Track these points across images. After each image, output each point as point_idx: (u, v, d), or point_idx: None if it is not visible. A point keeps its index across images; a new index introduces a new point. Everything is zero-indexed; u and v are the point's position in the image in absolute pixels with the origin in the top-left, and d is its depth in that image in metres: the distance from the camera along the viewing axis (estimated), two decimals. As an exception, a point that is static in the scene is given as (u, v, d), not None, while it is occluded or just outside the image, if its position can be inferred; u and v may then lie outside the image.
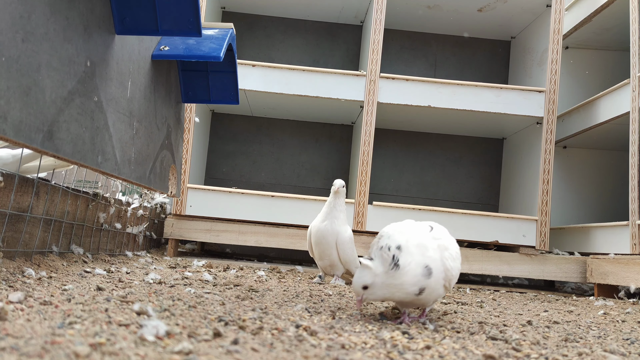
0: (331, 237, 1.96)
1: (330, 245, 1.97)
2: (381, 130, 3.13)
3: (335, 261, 1.99)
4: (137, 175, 1.25)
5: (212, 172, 3.24)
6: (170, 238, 2.55)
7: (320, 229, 1.98)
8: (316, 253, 2.02)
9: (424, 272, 1.12)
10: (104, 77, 1.05)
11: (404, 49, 3.33)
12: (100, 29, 1.02)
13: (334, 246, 1.96)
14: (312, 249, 2.04)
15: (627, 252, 2.31)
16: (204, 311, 1.06)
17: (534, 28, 3.00)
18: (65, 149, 0.91)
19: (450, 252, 1.17)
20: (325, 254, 1.98)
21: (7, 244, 1.34)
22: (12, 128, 0.75)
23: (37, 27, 0.81)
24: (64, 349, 0.65)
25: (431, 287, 1.13)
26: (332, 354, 0.81)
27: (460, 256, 1.23)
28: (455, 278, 1.18)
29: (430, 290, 1.14)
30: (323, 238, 1.97)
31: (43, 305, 0.94)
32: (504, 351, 0.95)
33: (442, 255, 1.15)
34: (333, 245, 1.96)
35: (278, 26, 3.30)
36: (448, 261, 1.15)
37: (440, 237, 1.19)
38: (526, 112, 2.69)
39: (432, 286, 1.13)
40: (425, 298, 1.15)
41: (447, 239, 1.20)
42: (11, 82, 0.74)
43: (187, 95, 1.58)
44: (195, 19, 1.11)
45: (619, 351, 1.02)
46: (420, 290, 1.12)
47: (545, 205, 2.61)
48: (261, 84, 2.65)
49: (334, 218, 1.98)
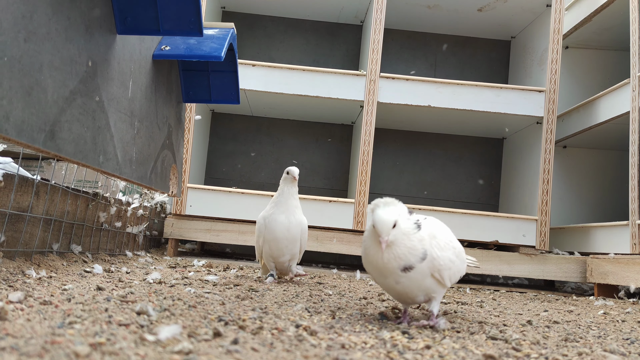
0: (297, 229, 1.82)
1: (296, 238, 1.81)
2: (381, 130, 3.13)
3: (296, 254, 1.85)
4: (138, 175, 1.26)
5: (212, 172, 3.24)
6: (170, 238, 2.55)
7: (285, 222, 1.80)
8: (275, 249, 1.82)
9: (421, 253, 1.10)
10: (106, 77, 1.05)
11: (404, 48, 3.34)
12: (102, 29, 1.03)
13: (299, 238, 1.83)
14: (266, 246, 1.83)
15: (627, 252, 2.31)
16: (204, 311, 1.06)
17: (534, 28, 3.00)
18: (67, 148, 0.91)
19: (438, 241, 1.14)
20: (288, 248, 1.81)
21: (7, 243, 1.34)
22: (15, 128, 0.75)
23: (39, 27, 0.81)
24: (64, 348, 0.65)
25: (418, 272, 1.10)
26: (332, 353, 0.81)
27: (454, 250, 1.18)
28: (445, 269, 1.13)
29: (416, 275, 1.10)
30: (288, 231, 1.80)
31: (43, 305, 0.94)
32: (504, 351, 0.95)
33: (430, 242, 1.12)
34: (298, 238, 1.82)
35: (278, 26, 3.30)
36: (434, 249, 1.12)
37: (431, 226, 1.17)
38: (526, 112, 2.69)
39: (419, 270, 1.10)
40: (407, 285, 1.11)
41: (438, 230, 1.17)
42: (13, 82, 0.75)
43: (188, 95, 1.58)
44: (197, 18, 1.11)
45: (619, 351, 1.03)
46: (406, 267, 1.09)
47: (545, 205, 2.61)
48: (261, 84, 2.65)
49: (295, 207, 1.82)
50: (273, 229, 1.80)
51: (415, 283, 1.12)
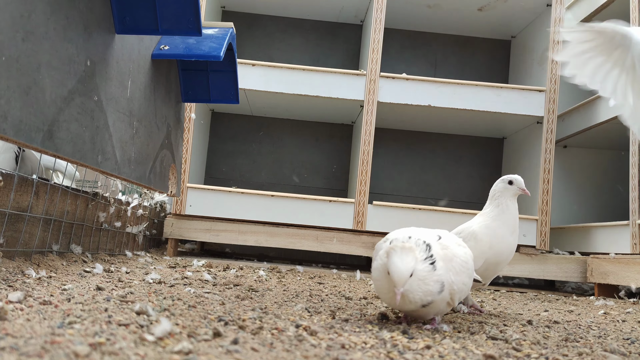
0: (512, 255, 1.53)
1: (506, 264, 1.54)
2: (381, 130, 3.13)
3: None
4: (137, 175, 1.25)
5: (212, 172, 3.23)
6: (170, 238, 2.55)
7: (512, 244, 1.49)
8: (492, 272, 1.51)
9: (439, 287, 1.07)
10: (104, 77, 1.05)
11: (404, 48, 3.33)
12: (100, 28, 1.02)
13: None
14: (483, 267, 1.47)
15: (628, 251, 2.31)
16: (203, 311, 1.06)
17: (534, 27, 2.99)
18: (65, 148, 0.91)
19: (454, 265, 1.11)
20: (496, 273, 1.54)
21: (7, 243, 1.34)
22: (12, 127, 0.75)
23: (37, 27, 0.80)
24: (64, 348, 0.65)
25: (437, 302, 1.08)
26: (332, 353, 0.81)
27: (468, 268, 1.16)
28: (457, 293, 1.11)
29: (436, 305, 1.09)
30: (510, 255, 1.51)
31: (43, 305, 0.94)
32: (504, 351, 0.95)
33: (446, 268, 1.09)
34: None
35: (278, 25, 3.30)
36: (450, 275, 1.09)
37: (448, 246, 1.13)
38: (526, 112, 2.69)
39: (437, 301, 1.08)
40: (426, 311, 1.11)
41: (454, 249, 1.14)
42: (11, 82, 0.74)
43: (187, 94, 1.58)
44: (196, 18, 1.11)
45: (619, 351, 1.02)
46: (428, 303, 1.07)
47: (546, 204, 2.60)
48: (261, 84, 2.65)
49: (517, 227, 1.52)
50: (500, 250, 1.48)
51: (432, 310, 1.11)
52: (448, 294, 1.10)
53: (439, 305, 1.11)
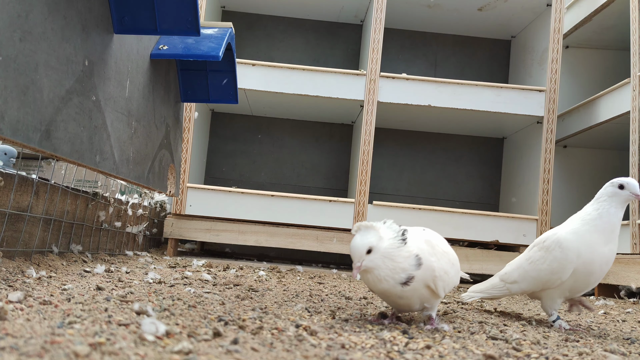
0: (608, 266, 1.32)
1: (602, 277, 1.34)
2: (381, 130, 3.13)
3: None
4: (135, 175, 1.25)
5: (212, 172, 3.23)
6: (170, 237, 2.55)
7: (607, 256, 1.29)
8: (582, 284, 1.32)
9: (415, 260, 1.06)
10: (102, 77, 1.04)
11: (404, 48, 3.33)
12: (99, 28, 1.02)
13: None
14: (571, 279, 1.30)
15: (628, 251, 2.30)
16: (203, 311, 1.06)
17: (534, 27, 2.99)
18: (63, 148, 0.91)
19: (436, 251, 1.11)
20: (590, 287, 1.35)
21: (7, 243, 1.34)
22: (10, 127, 0.75)
23: (35, 27, 0.80)
24: (64, 348, 0.65)
25: (418, 280, 1.07)
26: (332, 353, 0.81)
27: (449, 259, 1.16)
28: (439, 279, 1.10)
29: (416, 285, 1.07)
30: (606, 266, 1.30)
31: (43, 304, 0.94)
32: (504, 351, 0.95)
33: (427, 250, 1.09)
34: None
35: (278, 25, 3.30)
36: (432, 257, 1.09)
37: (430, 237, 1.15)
38: (526, 112, 2.69)
39: (419, 278, 1.07)
40: (409, 295, 1.09)
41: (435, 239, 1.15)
42: (9, 82, 0.74)
43: (186, 94, 1.58)
44: (194, 18, 1.11)
45: (619, 351, 1.02)
46: (407, 279, 1.06)
47: (546, 204, 2.60)
48: (261, 83, 2.65)
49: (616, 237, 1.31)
50: (591, 260, 1.28)
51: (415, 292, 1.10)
52: (430, 275, 1.08)
53: (420, 289, 1.09)
